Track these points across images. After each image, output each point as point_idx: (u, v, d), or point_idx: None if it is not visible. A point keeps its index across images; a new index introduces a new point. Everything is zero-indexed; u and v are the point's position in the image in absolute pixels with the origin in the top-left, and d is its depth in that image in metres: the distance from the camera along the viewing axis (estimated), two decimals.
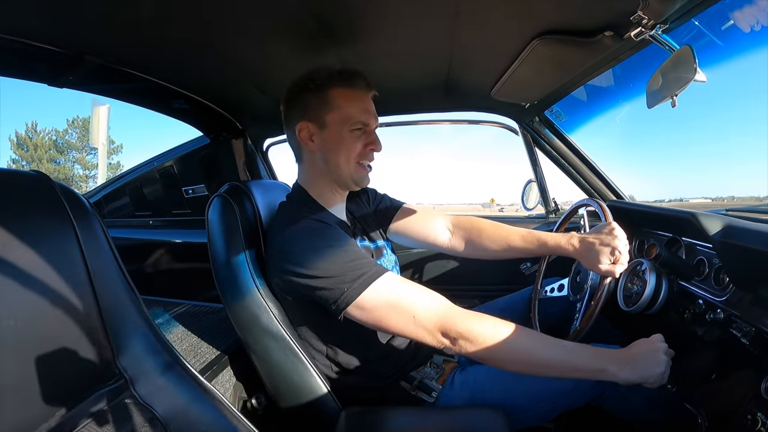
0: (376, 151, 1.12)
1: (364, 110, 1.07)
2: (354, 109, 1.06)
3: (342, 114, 1.05)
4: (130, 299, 0.60)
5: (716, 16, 1.10)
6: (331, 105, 1.05)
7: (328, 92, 1.05)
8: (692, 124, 56.21)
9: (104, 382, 0.55)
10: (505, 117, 1.92)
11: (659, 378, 0.88)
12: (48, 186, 0.55)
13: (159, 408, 0.58)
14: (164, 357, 0.62)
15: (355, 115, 1.05)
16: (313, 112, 1.06)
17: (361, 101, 1.07)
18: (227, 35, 1.10)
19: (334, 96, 1.05)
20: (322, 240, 0.95)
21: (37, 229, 0.51)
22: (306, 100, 1.07)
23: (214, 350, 1.44)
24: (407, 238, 1.38)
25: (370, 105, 1.10)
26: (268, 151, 2.25)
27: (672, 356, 0.91)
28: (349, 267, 0.91)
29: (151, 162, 2.47)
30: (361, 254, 0.96)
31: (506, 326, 0.92)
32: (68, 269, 0.53)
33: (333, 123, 1.05)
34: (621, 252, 1.05)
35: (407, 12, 1.01)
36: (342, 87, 1.05)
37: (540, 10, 0.98)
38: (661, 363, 0.88)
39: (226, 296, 1.10)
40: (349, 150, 1.07)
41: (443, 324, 0.91)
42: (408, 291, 0.93)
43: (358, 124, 1.06)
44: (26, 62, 1.12)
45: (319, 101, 1.05)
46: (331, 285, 0.91)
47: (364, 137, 1.08)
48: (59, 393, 0.49)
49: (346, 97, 1.05)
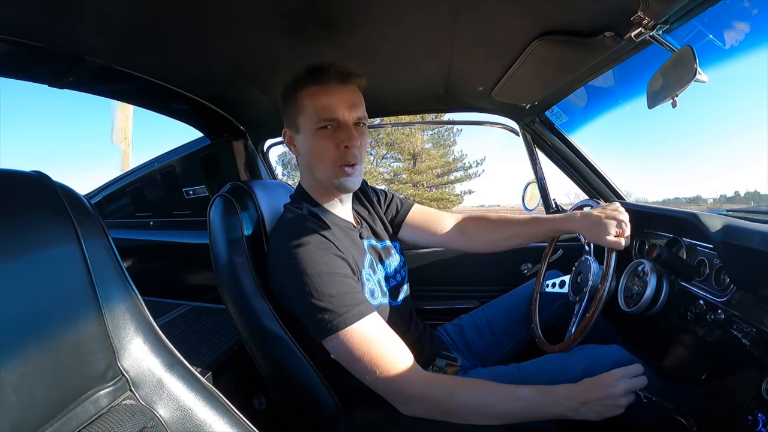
0: (352, 148, 1.02)
1: (329, 105, 1.00)
2: (317, 106, 1.00)
3: (308, 113, 1.02)
4: (131, 300, 0.60)
5: (717, 16, 1.10)
6: (301, 107, 1.03)
7: (298, 94, 1.04)
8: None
9: (105, 383, 0.54)
10: (506, 117, 1.92)
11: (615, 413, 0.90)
12: (48, 186, 0.55)
13: (160, 409, 0.58)
14: (165, 358, 0.62)
15: (318, 112, 1.00)
16: (290, 116, 1.07)
17: (329, 95, 1.01)
18: (227, 35, 1.10)
19: (304, 96, 1.03)
20: (317, 267, 0.93)
21: (37, 229, 0.51)
22: (286, 105, 1.08)
23: (215, 351, 1.44)
24: (419, 238, 1.39)
25: (344, 97, 1.02)
26: (269, 152, 2.25)
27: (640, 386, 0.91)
28: (337, 302, 0.91)
29: (152, 163, 2.47)
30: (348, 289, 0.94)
31: (464, 389, 0.93)
32: (69, 270, 0.53)
33: (304, 126, 1.04)
34: (626, 224, 1.08)
35: (408, 12, 1.01)
36: (311, 85, 1.02)
37: (540, 11, 0.98)
38: (618, 407, 0.89)
39: (227, 297, 1.09)
40: (320, 152, 1.03)
41: (398, 387, 0.92)
42: (377, 344, 0.92)
43: (323, 121, 1.01)
44: (26, 63, 1.12)
45: (293, 104, 1.05)
46: (315, 313, 0.91)
47: (334, 135, 1.01)
48: (60, 394, 0.49)
49: (312, 94, 1.02)
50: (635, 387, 0.91)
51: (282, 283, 0.99)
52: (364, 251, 1.14)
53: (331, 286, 0.91)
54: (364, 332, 0.91)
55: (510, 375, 1.12)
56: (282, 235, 1.01)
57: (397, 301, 1.19)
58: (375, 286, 1.10)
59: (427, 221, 1.38)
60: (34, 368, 0.46)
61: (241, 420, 0.65)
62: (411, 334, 1.18)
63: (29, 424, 0.45)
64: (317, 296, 0.90)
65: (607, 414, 0.89)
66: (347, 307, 0.91)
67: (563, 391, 0.92)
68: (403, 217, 1.37)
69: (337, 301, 0.90)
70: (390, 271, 1.22)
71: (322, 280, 0.91)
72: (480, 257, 1.46)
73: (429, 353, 1.20)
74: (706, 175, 67.00)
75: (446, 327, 1.47)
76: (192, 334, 1.64)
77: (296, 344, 1.04)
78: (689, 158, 64.68)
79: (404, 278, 1.27)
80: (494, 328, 1.43)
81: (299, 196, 1.14)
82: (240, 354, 1.48)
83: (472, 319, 1.47)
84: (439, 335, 1.40)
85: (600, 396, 0.89)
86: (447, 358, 1.20)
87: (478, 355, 1.39)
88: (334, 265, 0.95)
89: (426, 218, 1.39)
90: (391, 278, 1.21)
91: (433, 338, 1.28)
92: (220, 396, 0.65)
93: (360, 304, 0.93)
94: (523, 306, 1.45)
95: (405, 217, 1.37)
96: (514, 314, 1.44)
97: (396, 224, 1.37)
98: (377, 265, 1.17)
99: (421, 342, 1.20)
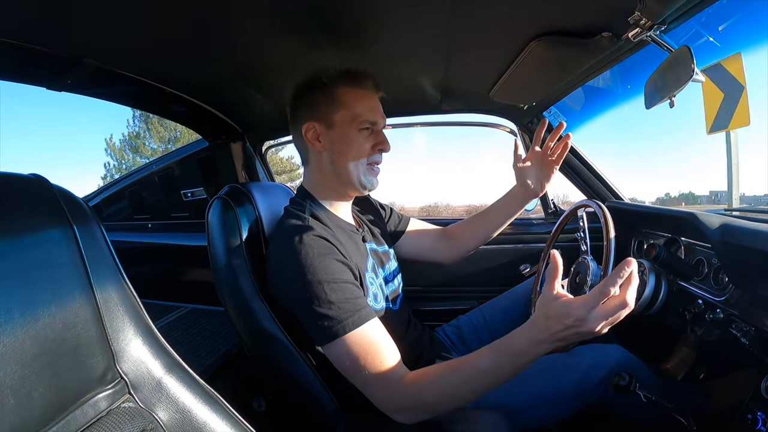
0: (385, 152, 1.12)
1: (372, 109, 1.07)
2: (362, 108, 1.05)
3: (350, 113, 1.04)
4: (129, 303, 0.60)
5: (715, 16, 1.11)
6: (339, 104, 1.04)
7: (336, 91, 1.05)
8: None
9: (104, 386, 0.54)
10: (504, 118, 1.92)
11: (597, 333, 0.73)
12: (46, 189, 0.55)
13: (159, 412, 0.58)
14: (164, 360, 0.61)
15: (363, 114, 1.05)
16: (321, 111, 1.06)
17: (369, 101, 1.08)
18: (226, 38, 1.10)
19: (343, 95, 1.04)
20: (318, 273, 0.92)
21: (35, 232, 0.51)
22: (314, 99, 1.06)
23: (214, 353, 1.44)
24: (413, 249, 1.46)
25: (378, 105, 1.10)
26: (267, 154, 2.25)
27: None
28: (337, 308, 0.90)
29: (150, 165, 2.47)
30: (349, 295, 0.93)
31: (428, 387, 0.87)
32: (67, 273, 0.53)
33: (341, 122, 1.05)
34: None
35: (405, 14, 1.01)
36: (350, 86, 1.05)
37: (538, 12, 0.98)
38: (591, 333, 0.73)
39: (225, 299, 1.09)
40: (357, 150, 1.06)
41: (386, 399, 0.91)
42: (371, 354, 0.90)
43: (366, 123, 1.06)
44: (25, 65, 1.11)
45: (327, 100, 1.05)
46: (315, 319, 0.91)
47: (372, 137, 1.08)
48: (59, 397, 0.49)
49: (354, 96, 1.05)
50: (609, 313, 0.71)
51: (282, 287, 0.99)
52: (366, 255, 1.14)
53: (332, 292, 0.91)
54: (361, 340, 0.90)
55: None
56: (283, 239, 1.00)
57: (396, 306, 1.20)
58: (378, 290, 1.11)
59: (420, 234, 1.47)
60: (33, 371, 0.46)
61: (241, 422, 0.65)
62: (410, 337, 1.18)
63: (28, 426, 0.45)
64: (318, 303, 0.90)
65: (585, 337, 0.74)
66: (347, 314, 0.90)
67: (523, 340, 0.82)
68: (404, 230, 1.44)
69: (337, 308, 0.90)
70: (389, 276, 1.22)
71: (322, 286, 0.91)
72: (477, 258, 1.47)
73: (429, 355, 1.20)
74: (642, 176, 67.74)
75: (444, 328, 1.48)
76: (191, 336, 1.64)
77: (295, 346, 1.03)
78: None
79: (400, 284, 1.29)
80: (492, 329, 1.43)
81: (302, 197, 1.13)
82: (239, 356, 1.48)
83: (470, 319, 1.47)
84: (437, 336, 1.40)
85: (562, 327, 0.74)
86: (446, 359, 1.20)
87: None
88: (335, 270, 0.94)
89: (420, 231, 1.47)
90: (390, 282, 1.21)
91: (432, 340, 1.28)
92: (220, 398, 0.65)
93: (360, 310, 0.92)
94: (521, 305, 1.45)
95: (405, 230, 1.44)
96: (511, 314, 1.45)
97: (396, 236, 1.43)
98: (378, 269, 1.17)
99: (420, 344, 1.20)
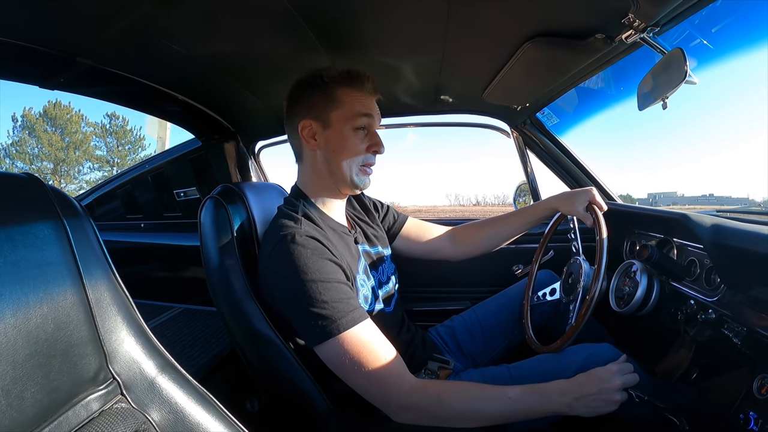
0: (379, 153, 1.12)
1: (369, 111, 1.08)
2: (359, 109, 1.06)
3: (346, 112, 1.05)
4: (122, 303, 0.59)
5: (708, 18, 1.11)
6: (336, 103, 1.05)
7: (335, 90, 1.05)
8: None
9: (96, 386, 0.54)
10: (497, 119, 1.93)
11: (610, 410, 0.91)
12: (39, 188, 0.55)
13: (152, 412, 0.57)
14: (157, 361, 0.61)
15: (359, 115, 1.06)
16: (318, 109, 1.06)
17: (367, 102, 1.08)
18: (219, 38, 1.10)
19: (341, 95, 1.05)
20: (311, 273, 0.91)
21: (27, 231, 0.50)
22: (312, 97, 1.06)
23: (207, 353, 1.43)
24: (412, 248, 1.46)
25: (375, 107, 1.11)
26: (260, 154, 2.25)
27: (633, 382, 0.92)
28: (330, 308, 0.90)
29: (143, 165, 2.45)
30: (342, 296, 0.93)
31: (451, 395, 0.93)
32: (59, 272, 0.52)
33: (337, 121, 1.05)
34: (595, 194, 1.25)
35: (398, 15, 1.01)
36: (349, 87, 1.06)
37: (531, 13, 0.98)
38: (613, 403, 0.90)
39: (218, 299, 1.08)
40: (351, 150, 1.07)
41: (387, 397, 0.92)
42: (367, 353, 0.91)
43: (362, 123, 1.06)
44: (17, 64, 1.10)
45: (325, 99, 1.05)
46: (308, 319, 0.91)
47: (367, 138, 1.09)
48: (51, 398, 0.48)
49: (352, 96, 1.06)
50: (630, 383, 0.91)
51: (275, 287, 0.98)
52: (358, 257, 1.13)
53: (325, 292, 0.91)
54: (355, 340, 0.90)
55: (502, 376, 1.12)
56: (275, 239, 0.99)
57: (389, 307, 1.20)
58: (369, 292, 1.10)
59: (421, 233, 1.47)
60: (25, 372, 0.45)
61: (234, 423, 0.65)
62: (403, 338, 1.18)
63: (20, 428, 0.44)
64: (310, 302, 0.90)
65: (602, 410, 0.89)
66: (341, 314, 0.90)
67: (555, 388, 0.92)
68: (399, 229, 1.43)
69: (330, 308, 0.90)
70: (383, 277, 1.22)
71: (316, 286, 0.90)
72: (470, 258, 1.47)
73: (421, 356, 1.20)
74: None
75: (437, 329, 1.48)
76: (184, 336, 1.63)
77: (287, 347, 1.03)
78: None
79: (396, 285, 1.29)
80: (485, 329, 1.43)
81: (295, 196, 1.13)
82: (232, 356, 1.47)
83: (463, 320, 1.47)
84: (430, 337, 1.40)
85: (595, 391, 0.89)
86: (439, 361, 1.20)
87: (469, 357, 1.39)
88: (328, 270, 0.94)
89: (419, 230, 1.47)
90: (384, 284, 1.21)
91: (425, 341, 1.28)
92: (213, 399, 0.64)
93: (353, 310, 0.92)
94: (514, 306, 1.46)
95: (401, 229, 1.44)
96: (504, 314, 1.45)
97: (392, 235, 1.42)
98: (371, 271, 1.17)
99: (413, 345, 1.20)
